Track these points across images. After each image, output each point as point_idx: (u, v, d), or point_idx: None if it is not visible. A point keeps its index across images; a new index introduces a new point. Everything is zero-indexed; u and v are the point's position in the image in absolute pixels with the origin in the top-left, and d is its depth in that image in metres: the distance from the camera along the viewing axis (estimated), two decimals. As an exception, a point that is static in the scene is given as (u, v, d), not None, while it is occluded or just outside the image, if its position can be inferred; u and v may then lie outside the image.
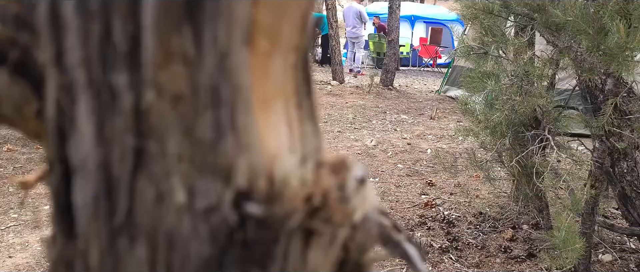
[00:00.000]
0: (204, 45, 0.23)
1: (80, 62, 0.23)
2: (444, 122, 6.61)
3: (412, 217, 3.65)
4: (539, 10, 2.45)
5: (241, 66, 0.23)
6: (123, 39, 0.23)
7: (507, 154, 3.35)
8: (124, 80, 0.23)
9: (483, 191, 4.10)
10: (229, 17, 0.23)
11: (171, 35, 0.22)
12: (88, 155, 0.23)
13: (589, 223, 2.99)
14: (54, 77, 0.24)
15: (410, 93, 8.59)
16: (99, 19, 0.23)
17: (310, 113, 0.27)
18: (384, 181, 4.36)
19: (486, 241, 3.34)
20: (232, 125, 0.23)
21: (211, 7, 0.22)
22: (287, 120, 0.26)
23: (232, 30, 0.23)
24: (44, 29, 0.24)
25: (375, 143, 5.44)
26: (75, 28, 0.23)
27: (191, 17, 0.22)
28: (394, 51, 8.54)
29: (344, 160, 0.27)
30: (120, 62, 0.23)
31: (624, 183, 3.00)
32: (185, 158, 0.23)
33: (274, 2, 0.24)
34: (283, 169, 0.25)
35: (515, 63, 3.01)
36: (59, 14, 0.24)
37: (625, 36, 2.10)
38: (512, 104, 3.00)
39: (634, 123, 2.57)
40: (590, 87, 2.99)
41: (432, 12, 13.12)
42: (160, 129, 0.23)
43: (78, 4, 0.23)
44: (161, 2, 0.22)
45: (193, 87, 0.23)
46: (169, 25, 0.22)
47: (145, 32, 0.22)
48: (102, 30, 0.23)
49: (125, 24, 0.23)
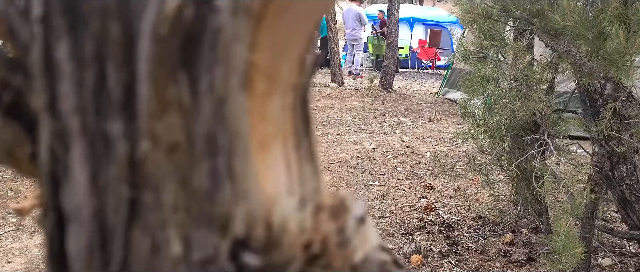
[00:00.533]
0: (201, 93, 0.22)
1: (75, 109, 0.23)
2: (443, 124, 6.61)
3: (412, 221, 3.65)
4: (538, 15, 2.45)
5: (239, 111, 0.23)
6: (118, 86, 0.22)
7: (507, 157, 3.35)
8: (118, 129, 0.23)
9: (482, 194, 4.10)
10: (226, 63, 0.22)
11: (166, 84, 0.22)
12: (82, 203, 0.23)
13: (588, 227, 2.99)
14: (47, 124, 0.24)
15: (409, 95, 8.59)
16: (93, 65, 0.23)
17: (309, 153, 0.27)
18: (384, 184, 4.36)
19: (486, 245, 3.34)
20: (229, 174, 0.23)
21: (208, 54, 0.22)
22: (286, 162, 0.26)
23: (230, 75, 0.22)
24: (38, 74, 0.24)
25: (375, 146, 5.44)
26: (69, 74, 0.23)
27: (187, 65, 0.22)
28: (393, 54, 8.54)
29: (344, 201, 0.27)
30: (114, 111, 0.23)
31: (624, 187, 3.00)
32: (181, 208, 0.22)
33: (273, 44, 0.24)
34: (281, 214, 0.24)
35: (515, 67, 3.01)
36: (52, 59, 0.23)
37: (625, 42, 2.10)
38: (511, 108, 3.00)
39: (634, 128, 2.57)
40: (589, 91, 2.99)
41: (431, 14, 13.12)
42: (156, 179, 0.22)
43: (72, 50, 0.23)
44: (156, 50, 0.22)
45: (189, 136, 0.22)
46: (165, 74, 0.22)
47: (140, 81, 0.22)
48: (97, 78, 0.23)
49: (119, 72, 0.22)
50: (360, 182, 4.43)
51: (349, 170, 4.68)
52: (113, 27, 0.22)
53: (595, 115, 2.89)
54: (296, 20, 0.24)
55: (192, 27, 0.22)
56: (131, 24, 0.22)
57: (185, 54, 0.22)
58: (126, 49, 0.22)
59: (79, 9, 0.22)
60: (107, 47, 0.22)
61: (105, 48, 0.22)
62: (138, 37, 0.22)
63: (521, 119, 3.08)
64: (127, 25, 0.22)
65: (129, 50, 0.22)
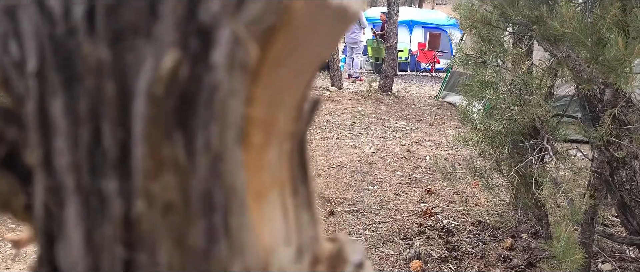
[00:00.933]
0: (196, 151, 0.22)
1: (69, 166, 0.23)
2: (443, 128, 6.61)
3: (411, 226, 3.64)
4: (537, 22, 2.45)
5: (235, 167, 0.23)
6: (113, 145, 0.22)
7: (506, 163, 3.35)
8: (113, 187, 0.22)
9: (482, 198, 4.09)
10: (222, 120, 0.22)
11: (162, 144, 0.22)
12: (77, 261, 0.23)
13: (588, 233, 2.99)
14: (41, 180, 0.24)
15: (408, 99, 8.59)
16: (88, 123, 0.22)
17: (306, 200, 0.27)
18: (383, 188, 4.36)
19: (485, 250, 3.34)
20: (225, 230, 0.23)
21: (204, 112, 0.22)
22: (283, 210, 0.25)
23: (226, 132, 0.22)
24: (32, 129, 0.23)
25: (374, 150, 5.44)
26: (64, 130, 0.23)
27: (183, 124, 0.22)
28: (393, 57, 8.54)
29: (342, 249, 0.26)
30: (110, 169, 0.22)
31: (623, 192, 3.00)
32: (177, 267, 0.22)
33: (270, 96, 0.24)
34: (278, 265, 0.24)
35: (514, 72, 3.01)
36: (47, 115, 0.23)
37: (624, 49, 2.10)
38: (510, 114, 3.00)
39: (633, 134, 2.57)
40: (588, 96, 2.99)
41: (431, 17, 13.13)
42: (151, 238, 0.22)
43: (67, 106, 0.22)
44: (151, 111, 0.21)
45: (185, 195, 0.22)
46: (160, 134, 0.22)
47: (135, 141, 0.22)
48: (92, 135, 0.22)
49: (114, 130, 0.22)
50: (359, 186, 4.43)
51: (349, 174, 4.68)
52: (108, 86, 0.22)
53: (595, 120, 2.89)
54: (294, 71, 0.24)
55: (187, 86, 0.21)
56: (126, 83, 0.22)
57: (180, 113, 0.22)
58: (121, 107, 0.22)
59: (74, 66, 0.22)
60: (102, 105, 0.22)
61: (101, 106, 0.22)
62: (133, 97, 0.22)
63: (520, 124, 3.08)
64: (123, 84, 0.22)
65: (124, 109, 0.22)
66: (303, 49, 0.23)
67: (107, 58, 0.22)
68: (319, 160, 4.92)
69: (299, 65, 0.24)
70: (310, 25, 0.22)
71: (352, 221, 3.73)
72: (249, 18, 0.21)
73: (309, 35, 0.23)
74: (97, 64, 0.22)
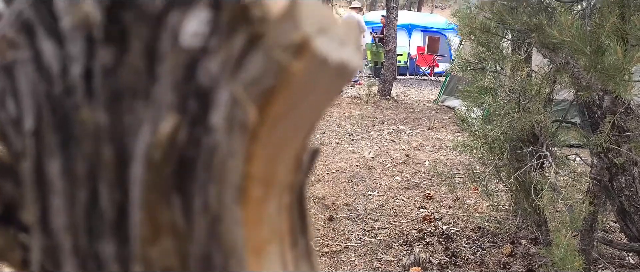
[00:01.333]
0: (195, 214, 0.22)
1: (66, 227, 0.22)
2: (442, 132, 6.61)
3: (411, 232, 3.64)
4: (536, 29, 2.45)
5: (234, 225, 0.23)
6: (110, 207, 0.22)
7: (505, 169, 3.35)
8: (110, 250, 0.22)
9: (481, 204, 4.09)
10: (221, 181, 0.22)
11: (160, 208, 0.22)
12: (74, 323, 0.23)
13: (588, 240, 2.98)
14: (38, 239, 0.23)
15: (408, 103, 8.60)
16: (85, 184, 0.22)
17: (305, 251, 0.27)
18: (383, 194, 4.36)
19: (485, 256, 3.33)
20: (224, 291, 0.22)
21: (202, 174, 0.21)
22: (282, 263, 0.25)
23: (224, 192, 0.22)
24: (29, 187, 0.23)
25: (374, 155, 5.44)
26: (61, 191, 0.22)
27: (181, 187, 0.22)
28: (392, 61, 8.55)
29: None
30: (107, 232, 0.22)
31: (623, 198, 3.00)
32: (175, 331, 0.22)
33: (268, 153, 0.23)
34: (278, 320, 0.24)
35: (513, 79, 3.01)
36: (44, 174, 0.23)
37: (623, 57, 2.10)
38: (509, 120, 3.00)
39: (632, 142, 2.57)
40: (587, 103, 2.99)
41: (430, 20, 13.15)
42: (149, 303, 0.22)
43: (64, 167, 0.22)
44: (149, 177, 0.21)
45: (183, 259, 0.22)
46: (158, 199, 0.22)
47: (133, 206, 0.22)
48: (89, 197, 0.22)
49: (112, 193, 0.22)
50: (359, 191, 4.42)
51: (348, 179, 4.68)
52: (106, 149, 0.22)
53: (594, 126, 2.90)
54: (293, 126, 0.24)
55: (186, 149, 0.21)
56: (124, 147, 0.22)
57: (178, 176, 0.21)
58: (119, 171, 0.22)
59: (71, 127, 0.22)
60: (99, 167, 0.22)
61: (98, 168, 0.22)
62: (131, 160, 0.21)
63: (520, 130, 3.08)
64: (120, 147, 0.22)
65: (122, 172, 0.22)
66: (303, 105, 0.23)
67: (105, 122, 0.21)
68: (318, 165, 4.92)
69: (298, 120, 0.24)
70: (310, 84, 0.22)
71: (352, 226, 3.73)
72: (248, 79, 0.21)
73: (308, 93, 0.23)
74: (95, 129, 0.22)
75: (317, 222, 3.68)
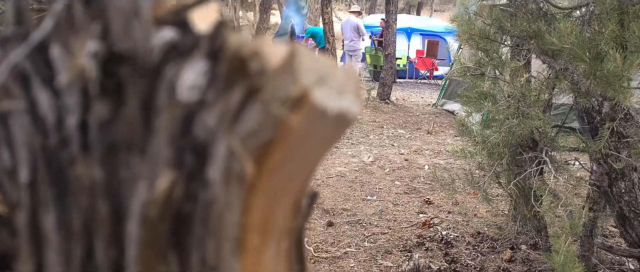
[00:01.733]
0: (192, 268, 0.22)
1: (62, 281, 0.22)
2: (441, 136, 6.61)
3: (410, 238, 3.63)
4: (535, 36, 2.45)
5: (231, 278, 0.22)
6: (106, 263, 0.22)
7: (505, 174, 3.34)
8: (106, 307, 0.22)
9: (481, 209, 4.09)
10: (218, 235, 0.22)
11: (156, 265, 0.21)
12: None
13: (587, 246, 2.98)
14: (34, 294, 0.23)
15: (407, 106, 8.60)
16: (81, 239, 0.22)
17: (304, 295, 0.26)
18: (382, 199, 4.35)
19: (485, 262, 3.33)
20: None
21: (199, 229, 0.21)
22: (280, 309, 0.25)
23: (222, 246, 0.22)
24: (24, 239, 0.23)
25: (373, 159, 5.44)
26: (56, 245, 0.22)
27: (177, 242, 0.21)
28: (391, 65, 8.55)
29: None
30: (103, 288, 0.22)
31: (622, 203, 3.00)
32: None
33: (266, 201, 0.23)
34: None
35: (512, 85, 3.01)
36: (39, 227, 0.22)
37: (622, 64, 2.10)
38: (509, 126, 3.00)
39: (631, 148, 2.57)
40: (587, 108, 2.99)
41: (429, 24, 13.16)
42: None
43: (59, 221, 0.22)
44: (145, 234, 0.21)
45: (180, 315, 0.22)
46: (154, 255, 0.21)
47: (129, 262, 0.21)
48: (84, 251, 0.22)
49: (107, 249, 0.22)
50: (358, 196, 4.42)
51: (347, 184, 4.68)
52: (101, 205, 0.21)
53: (593, 132, 2.89)
54: (292, 174, 0.24)
55: (182, 205, 0.21)
56: (120, 202, 0.21)
57: (175, 233, 0.21)
58: (114, 227, 0.22)
59: (66, 181, 0.22)
60: (95, 222, 0.22)
61: (94, 223, 0.22)
62: (127, 217, 0.21)
63: (519, 136, 3.08)
64: (116, 203, 0.21)
65: (118, 228, 0.21)
66: (301, 154, 0.23)
67: (101, 177, 0.21)
68: (318, 170, 4.91)
69: (296, 168, 0.24)
70: (309, 134, 0.22)
71: (351, 232, 3.72)
72: (245, 132, 0.21)
73: (307, 142, 0.23)
74: (91, 184, 0.21)
75: (316, 228, 3.67)
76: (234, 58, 0.21)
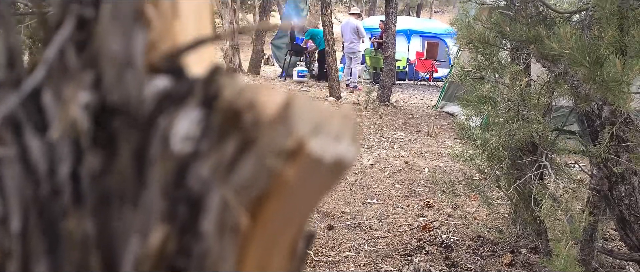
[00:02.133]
0: (186, 322, 0.21)
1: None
2: (441, 139, 6.61)
3: (410, 241, 3.63)
4: (535, 41, 2.45)
5: (226, 329, 0.22)
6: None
7: (505, 178, 3.34)
8: None
9: (481, 212, 4.08)
10: (212, 287, 0.21)
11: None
12: None
13: (588, 250, 2.98)
14: None
15: (407, 109, 8.60)
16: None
17: None
18: (382, 202, 4.34)
19: (485, 266, 3.32)
20: None
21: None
22: None
23: (216, 297, 0.22)
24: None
25: (373, 162, 5.43)
26: (49, 296, 0.22)
27: (172, 297, 0.21)
28: (391, 67, 8.55)
29: None
30: None
31: (622, 207, 2.99)
32: None
33: (262, 249, 0.23)
34: None
35: (512, 89, 3.01)
36: (31, 278, 0.22)
37: (621, 69, 2.10)
38: (509, 130, 3.00)
39: (631, 152, 2.56)
40: (587, 112, 2.99)
41: (428, 26, 13.17)
42: None
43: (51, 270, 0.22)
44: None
45: None
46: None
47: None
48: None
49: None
50: (358, 199, 4.41)
51: (347, 187, 4.67)
52: (93, 258, 0.21)
53: (593, 135, 2.89)
54: (287, 220, 0.23)
55: (176, 259, 0.21)
56: (112, 256, 0.21)
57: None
58: (108, 281, 0.21)
59: (58, 232, 0.21)
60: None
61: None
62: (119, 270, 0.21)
63: (519, 140, 3.08)
64: (108, 256, 0.21)
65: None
66: (297, 202, 0.23)
67: (93, 232, 0.21)
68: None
69: (292, 215, 0.24)
70: (305, 183, 0.22)
71: (351, 235, 3.71)
72: (239, 184, 0.21)
73: (303, 191, 0.22)
74: (83, 238, 0.21)
75: (316, 232, 3.67)
76: (229, 110, 0.20)
